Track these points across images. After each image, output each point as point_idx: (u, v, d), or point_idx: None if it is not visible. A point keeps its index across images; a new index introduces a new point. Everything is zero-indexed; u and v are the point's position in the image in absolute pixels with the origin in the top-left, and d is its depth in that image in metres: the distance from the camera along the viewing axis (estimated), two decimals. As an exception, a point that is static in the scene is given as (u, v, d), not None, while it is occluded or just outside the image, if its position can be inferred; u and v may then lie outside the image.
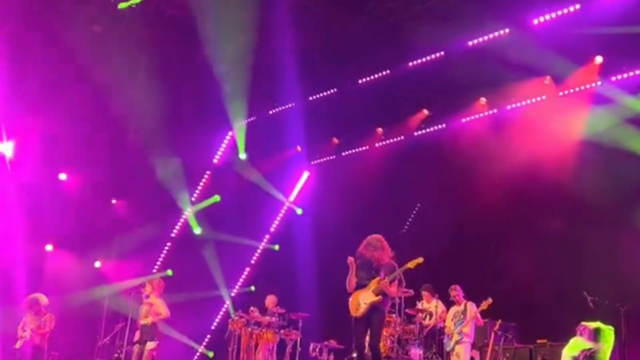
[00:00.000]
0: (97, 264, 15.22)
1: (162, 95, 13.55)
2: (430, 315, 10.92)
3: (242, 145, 15.68)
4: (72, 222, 14.49)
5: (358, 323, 7.72)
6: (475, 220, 12.53)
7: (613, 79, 11.39)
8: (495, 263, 11.99)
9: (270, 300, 12.36)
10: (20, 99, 13.12)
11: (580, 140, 11.33)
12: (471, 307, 9.55)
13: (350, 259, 7.89)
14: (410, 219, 13.77)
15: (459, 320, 9.53)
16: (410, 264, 7.74)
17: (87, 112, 13.86)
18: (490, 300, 9.41)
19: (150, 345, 9.97)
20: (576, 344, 5.18)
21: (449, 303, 10.43)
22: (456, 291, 9.82)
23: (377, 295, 7.59)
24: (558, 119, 11.72)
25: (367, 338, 7.77)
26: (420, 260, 7.76)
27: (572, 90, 11.85)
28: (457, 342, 9.41)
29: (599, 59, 11.48)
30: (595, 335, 5.08)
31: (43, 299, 10.65)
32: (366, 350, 7.81)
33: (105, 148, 14.64)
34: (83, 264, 14.79)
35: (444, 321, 10.56)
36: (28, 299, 10.69)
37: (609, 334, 5.11)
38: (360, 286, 7.72)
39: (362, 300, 7.66)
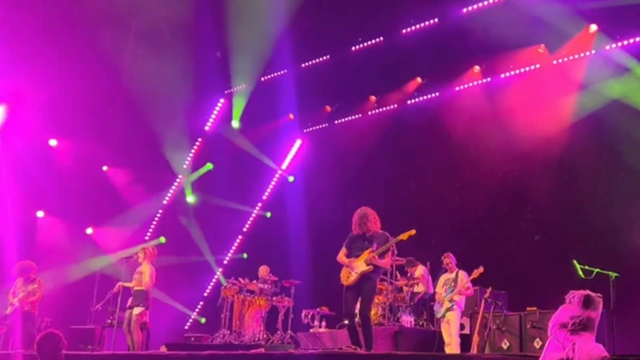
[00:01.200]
0: (89, 231, 15.21)
1: (152, 63, 13.41)
2: (419, 282, 11.01)
3: (238, 113, 15.60)
4: (63, 189, 14.44)
5: (348, 291, 7.79)
6: (468, 188, 12.54)
7: (607, 47, 11.33)
8: (487, 232, 12.04)
9: (263, 269, 12.41)
10: (11, 64, 12.94)
11: (573, 110, 11.32)
12: (463, 276, 9.56)
13: (341, 257, 7.91)
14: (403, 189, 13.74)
15: (449, 287, 9.58)
16: (403, 236, 7.78)
17: (79, 79, 13.69)
18: (481, 269, 9.45)
19: (137, 310, 10.02)
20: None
21: (442, 271, 10.46)
22: (449, 259, 9.79)
23: (368, 265, 7.64)
24: (552, 88, 11.70)
25: (358, 306, 7.83)
26: (412, 232, 7.81)
27: (566, 59, 11.80)
28: (448, 310, 9.47)
29: (593, 27, 11.41)
30: (585, 302, 5.09)
31: (33, 266, 10.68)
32: (356, 318, 7.87)
33: (97, 115, 14.52)
34: (74, 230, 14.78)
35: (429, 286, 10.71)
36: (18, 265, 10.73)
37: (597, 301, 5.12)
38: (354, 256, 7.77)
39: (353, 270, 7.71)
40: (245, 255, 16.20)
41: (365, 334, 7.64)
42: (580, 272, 8.31)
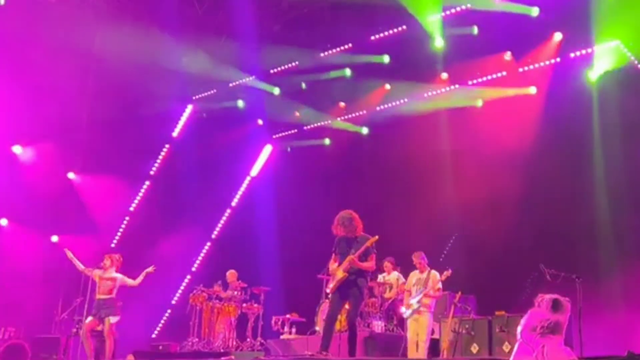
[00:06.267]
0: (54, 239, 14.93)
1: (120, 67, 13.25)
2: (391, 287, 11.05)
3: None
4: (27, 196, 14.14)
5: (332, 298, 7.89)
6: (435, 192, 12.62)
7: (572, 55, 11.56)
8: (456, 236, 12.12)
9: (230, 274, 12.34)
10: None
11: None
12: (434, 276, 9.52)
13: (331, 264, 7.94)
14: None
15: (420, 287, 9.51)
16: (368, 243, 7.80)
17: (42, 83, 13.46)
18: (449, 272, 9.45)
19: (113, 319, 9.88)
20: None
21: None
22: (419, 258, 9.77)
23: (344, 272, 7.66)
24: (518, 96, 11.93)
25: (341, 313, 7.93)
26: (375, 238, 7.85)
27: (532, 67, 12.00)
28: (414, 312, 9.42)
29: (558, 36, 11.64)
30: (553, 306, 5.15)
31: None
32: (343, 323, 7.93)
33: (61, 120, 14.27)
34: (40, 238, 14.49)
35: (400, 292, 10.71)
36: None
37: (566, 305, 5.20)
38: (340, 262, 7.82)
39: (334, 278, 7.82)
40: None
41: (350, 341, 7.71)
42: (548, 276, 8.42)
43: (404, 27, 12.84)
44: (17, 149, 14.66)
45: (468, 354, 9.30)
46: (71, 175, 15.37)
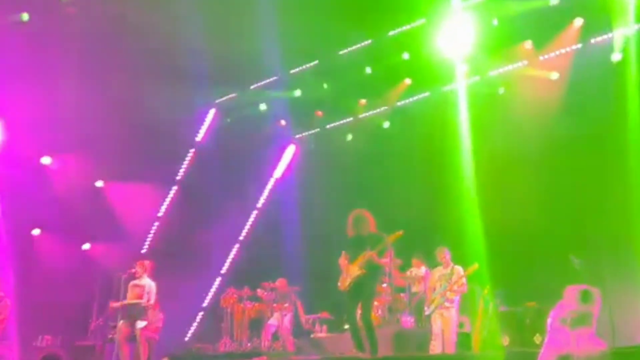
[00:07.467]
0: (86, 247, 15.18)
1: (143, 75, 13.40)
2: (418, 282, 11.02)
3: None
4: (58, 206, 14.40)
5: (347, 296, 7.86)
6: (461, 186, 12.55)
7: (593, 40, 11.43)
8: (484, 228, 12.03)
9: (280, 282, 12.27)
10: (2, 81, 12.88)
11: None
12: (458, 272, 9.52)
13: (342, 261, 7.93)
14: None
15: (444, 283, 9.51)
16: (390, 238, 7.81)
17: (69, 93, 13.67)
18: (476, 265, 9.44)
19: (141, 324, 10.05)
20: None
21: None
22: (443, 253, 9.76)
23: (360, 269, 7.68)
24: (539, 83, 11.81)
25: (359, 310, 7.88)
26: (399, 233, 7.84)
27: (552, 54, 11.89)
28: (438, 307, 9.40)
29: (578, 22, 11.51)
30: (583, 297, 5.14)
31: None
32: (359, 323, 7.91)
33: (88, 130, 14.47)
34: (71, 247, 14.75)
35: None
36: None
37: (595, 295, 5.18)
38: (352, 260, 7.81)
39: (348, 275, 7.76)
40: None
41: (369, 339, 7.68)
42: (578, 267, 8.36)
43: (423, 20, 12.79)
44: (46, 160, 14.94)
45: (499, 347, 9.28)
46: (99, 184, 15.61)
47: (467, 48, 12.07)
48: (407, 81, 13.84)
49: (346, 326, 8.20)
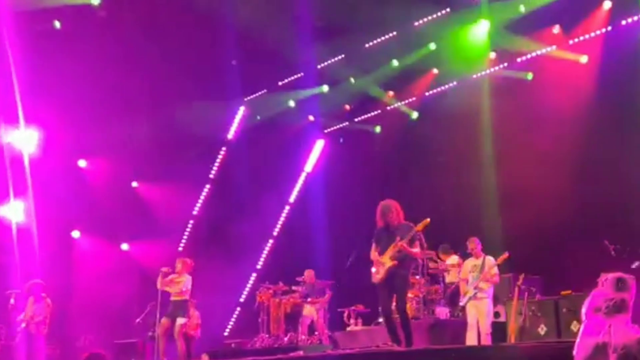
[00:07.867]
0: (125, 247, 15.49)
1: (175, 75, 13.63)
2: (449, 271, 10.98)
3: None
4: (96, 207, 14.72)
5: (380, 289, 7.88)
6: (490, 175, 12.48)
7: (623, 22, 11.24)
8: (517, 217, 11.95)
9: (307, 274, 12.41)
10: (38, 87, 13.17)
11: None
12: (489, 262, 9.47)
13: (373, 253, 7.96)
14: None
15: (476, 274, 9.46)
16: (418, 226, 7.80)
17: (102, 97, 13.94)
18: (506, 255, 9.36)
19: (181, 320, 10.23)
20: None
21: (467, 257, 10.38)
22: (474, 244, 9.68)
23: (393, 260, 7.69)
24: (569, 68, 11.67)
25: (394, 302, 7.89)
26: (427, 221, 7.81)
27: (581, 38, 11.73)
28: (472, 298, 9.35)
29: (607, 4, 11.34)
30: (617, 284, 5.10)
31: (41, 285, 10.81)
32: (394, 314, 7.93)
33: (123, 132, 14.73)
34: (110, 247, 15.06)
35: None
36: (27, 285, 10.86)
37: (630, 282, 5.13)
38: (383, 252, 7.83)
39: (381, 266, 7.79)
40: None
41: (404, 330, 7.71)
42: (612, 252, 8.28)
43: (448, 9, 12.74)
44: (82, 163, 15.26)
45: (536, 336, 9.22)
46: (135, 184, 15.90)
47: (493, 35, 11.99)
48: (435, 71, 13.79)
49: (380, 319, 8.23)
